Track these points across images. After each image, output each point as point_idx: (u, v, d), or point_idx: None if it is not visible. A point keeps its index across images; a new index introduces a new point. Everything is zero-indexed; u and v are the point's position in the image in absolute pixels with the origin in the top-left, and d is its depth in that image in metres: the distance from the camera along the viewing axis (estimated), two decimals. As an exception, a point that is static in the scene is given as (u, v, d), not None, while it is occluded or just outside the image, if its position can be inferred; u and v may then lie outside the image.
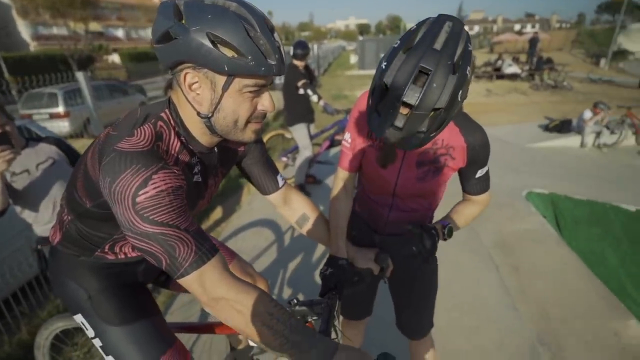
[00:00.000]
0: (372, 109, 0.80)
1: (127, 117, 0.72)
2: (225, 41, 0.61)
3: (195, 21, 0.61)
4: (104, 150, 0.67)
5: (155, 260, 0.65)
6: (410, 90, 0.70)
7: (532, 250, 2.90)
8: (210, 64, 0.63)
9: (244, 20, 0.62)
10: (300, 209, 1.10)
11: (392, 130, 0.77)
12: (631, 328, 2.09)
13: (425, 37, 0.72)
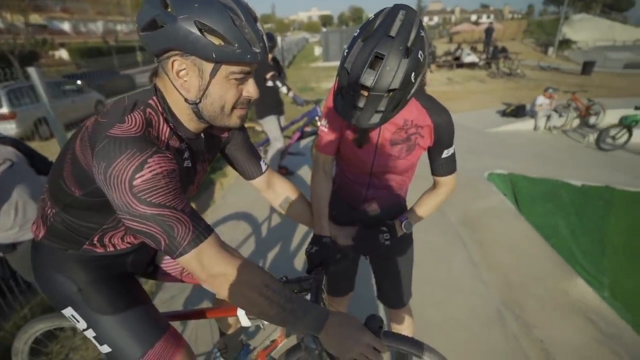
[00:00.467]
0: (337, 93, 0.88)
1: (115, 105, 0.73)
2: (213, 29, 0.64)
3: (182, 9, 0.63)
4: (95, 137, 0.68)
5: (154, 241, 0.67)
6: (367, 74, 0.78)
7: (494, 225, 3.13)
8: (199, 51, 0.65)
9: (229, 9, 0.65)
10: (284, 192, 1.14)
11: (354, 110, 0.85)
12: (578, 287, 2.35)
13: (381, 26, 0.80)
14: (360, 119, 0.87)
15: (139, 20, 0.68)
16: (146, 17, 0.66)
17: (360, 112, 0.85)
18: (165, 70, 0.72)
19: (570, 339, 1.92)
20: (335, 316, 0.76)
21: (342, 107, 0.87)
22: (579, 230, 4.78)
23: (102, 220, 0.86)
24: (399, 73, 0.78)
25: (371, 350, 0.74)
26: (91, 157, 0.67)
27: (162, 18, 0.64)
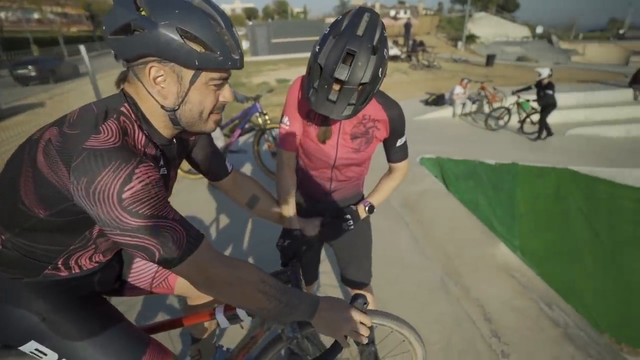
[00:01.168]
0: (309, 87, 0.93)
1: (81, 114, 0.68)
2: (195, 36, 0.64)
3: (162, 15, 0.62)
4: (68, 150, 0.62)
5: (147, 254, 0.65)
6: (340, 68, 0.85)
7: (430, 205, 3.46)
8: (180, 58, 0.65)
9: (209, 16, 0.66)
10: (250, 190, 1.15)
11: (327, 103, 0.91)
12: (501, 250, 2.74)
13: (349, 26, 0.87)
14: (334, 111, 0.93)
15: (109, 23, 0.64)
16: (118, 20, 0.63)
17: (333, 104, 0.91)
18: (138, 76, 0.69)
19: (500, 294, 2.25)
20: (324, 301, 0.83)
21: (316, 100, 0.92)
22: (495, 202, 5.49)
23: (70, 241, 0.78)
24: (369, 68, 0.86)
25: (359, 325, 0.83)
26: (66, 173, 0.62)
27: (139, 23, 0.62)
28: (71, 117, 0.68)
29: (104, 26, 0.65)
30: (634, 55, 19.06)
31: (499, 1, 42.34)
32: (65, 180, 0.63)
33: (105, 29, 0.65)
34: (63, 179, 0.63)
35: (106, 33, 0.65)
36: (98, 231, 0.78)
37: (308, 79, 0.95)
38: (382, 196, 1.30)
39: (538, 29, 32.33)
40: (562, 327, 1.99)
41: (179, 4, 0.64)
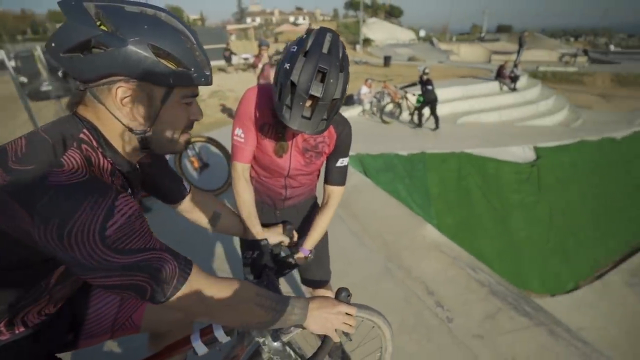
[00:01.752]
0: (282, 104, 0.93)
1: (31, 145, 0.58)
2: (168, 53, 0.61)
3: (131, 31, 0.58)
4: (25, 190, 0.53)
5: (136, 292, 0.59)
6: (315, 85, 0.89)
7: (361, 199, 3.69)
8: (154, 76, 0.61)
9: (179, 31, 0.63)
10: (210, 208, 1.11)
11: (302, 120, 0.94)
12: (429, 231, 3.08)
13: (315, 44, 0.91)
14: (310, 127, 0.95)
15: (61, 40, 0.57)
16: (74, 37, 0.56)
17: (309, 121, 0.93)
18: (99, 97, 0.62)
19: (435, 268, 2.53)
20: (312, 301, 0.86)
21: (292, 117, 0.93)
22: (412, 189, 6.10)
23: (19, 295, 0.66)
24: (339, 84, 0.91)
25: (347, 316, 0.88)
26: (26, 217, 0.53)
27: (102, 40, 0.57)
28: (16, 150, 0.58)
29: (53, 43, 0.57)
30: (494, 54, 22.94)
31: (386, 8, 46.80)
32: (23, 226, 0.54)
33: (54, 46, 0.57)
34: (21, 224, 0.54)
35: (57, 51, 0.57)
36: (56, 279, 0.68)
37: (279, 97, 0.94)
38: (318, 235, 1.32)
39: (421, 32, 36.70)
40: (487, 286, 2.33)
41: (146, 19, 0.60)
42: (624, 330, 5.82)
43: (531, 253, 6.92)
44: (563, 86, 15.76)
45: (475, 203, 6.78)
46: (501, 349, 1.83)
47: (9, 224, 0.55)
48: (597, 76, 17.18)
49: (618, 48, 31.27)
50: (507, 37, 31.67)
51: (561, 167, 7.85)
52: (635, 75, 16.87)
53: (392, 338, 1.40)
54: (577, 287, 6.79)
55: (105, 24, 0.58)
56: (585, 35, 48.14)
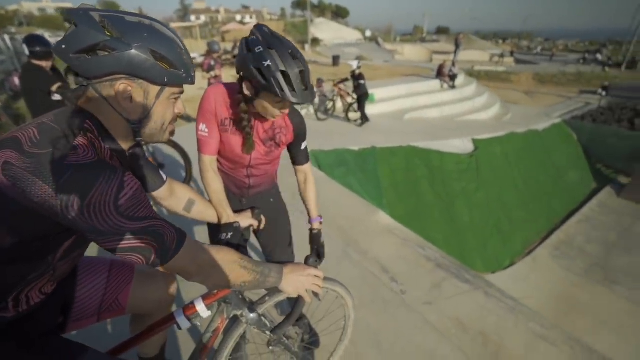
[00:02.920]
0: (288, 92, 1.04)
1: (43, 132, 0.66)
2: (164, 57, 0.73)
3: (134, 38, 0.69)
4: (47, 169, 0.62)
5: (143, 254, 0.69)
6: (296, 63, 1.04)
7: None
8: (152, 76, 0.72)
9: (170, 38, 0.75)
10: (185, 195, 1.18)
11: (304, 93, 1.07)
12: (382, 217, 3.33)
13: (268, 37, 1.05)
14: (311, 95, 1.09)
15: (72, 42, 0.67)
16: (85, 41, 0.67)
17: (309, 92, 1.08)
18: (103, 92, 0.72)
19: (389, 249, 2.77)
20: (286, 266, 1.00)
21: (300, 95, 1.06)
22: (364, 182, 6.41)
23: (30, 269, 0.72)
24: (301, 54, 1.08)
25: (316, 278, 1.02)
26: (50, 192, 0.62)
27: (110, 44, 0.67)
28: (30, 137, 0.66)
29: (64, 45, 0.67)
30: (435, 54, 24.50)
31: (332, 8, 47.68)
32: (47, 200, 0.62)
33: (65, 47, 0.67)
34: (44, 198, 0.62)
35: (67, 51, 0.67)
36: (62, 254, 0.76)
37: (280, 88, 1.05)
38: (316, 204, 1.57)
39: (367, 32, 37.96)
40: (433, 260, 2.61)
41: (145, 28, 0.72)
42: (551, 296, 6.65)
43: (474, 236, 7.61)
44: (494, 84, 17.33)
45: (423, 193, 7.29)
46: (447, 312, 2.09)
47: (33, 199, 0.63)
48: (522, 75, 19.14)
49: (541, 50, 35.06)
50: (446, 39, 33.98)
51: (495, 156, 8.71)
52: (551, 75, 19.07)
53: (353, 307, 1.57)
54: (513, 263, 7.59)
55: (111, 31, 0.68)
56: (511, 38, 53.24)
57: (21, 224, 0.65)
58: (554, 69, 20.27)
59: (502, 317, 2.06)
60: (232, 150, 1.31)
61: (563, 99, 15.54)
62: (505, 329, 1.98)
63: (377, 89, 10.77)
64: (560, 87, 17.69)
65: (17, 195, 0.63)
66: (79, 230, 0.66)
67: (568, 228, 8.71)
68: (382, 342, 1.87)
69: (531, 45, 40.07)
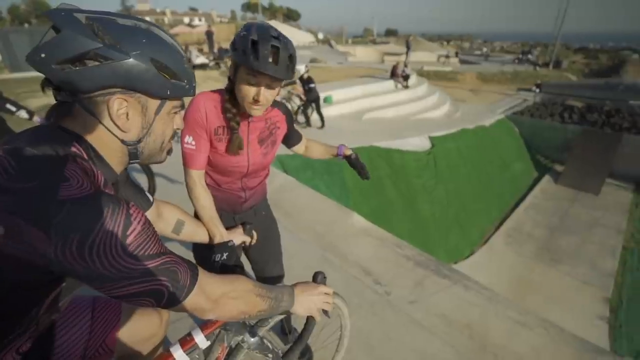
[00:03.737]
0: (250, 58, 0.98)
1: (22, 161, 0.54)
2: (165, 66, 0.63)
3: (132, 45, 0.59)
4: (34, 207, 0.50)
5: (154, 297, 0.59)
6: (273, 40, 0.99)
7: (289, 197, 3.79)
8: (153, 88, 0.63)
9: (170, 45, 0.65)
10: (174, 216, 1.08)
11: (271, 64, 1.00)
12: (356, 219, 3.35)
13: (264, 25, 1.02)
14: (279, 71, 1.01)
15: (55, 50, 0.55)
16: (72, 49, 0.55)
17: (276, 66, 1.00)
18: (91, 109, 0.61)
19: (367, 251, 2.78)
20: (296, 287, 0.94)
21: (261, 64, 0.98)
22: (331, 184, 6.44)
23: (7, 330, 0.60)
24: (290, 43, 1.04)
25: (326, 296, 0.98)
26: (41, 235, 0.50)
27: (103, 53, 0.57)
28: (5, 167, 0.53)
29: (43, 53, 0.55)
30: (386, 56, 25.36)
31: (284, 11, 47.61)
32: (36, 245, 0.51)
33: (45, 57, 0.55)
34: (32, 244, 0.51)
35: (47, 62, 0.56)
36: (48, 304, 0.63)
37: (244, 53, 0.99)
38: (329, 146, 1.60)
39: (320, 35, 38.38)
40: (412, 259, 2.67)
41: (143, 33, 0.62)
42: (506, 280, 7.15)
43: (436, 229, 7.96)
44: (442, 83, 18.31)
45: (386, 191, 7.49)
46: (432, 308, 2.14)
47: (18, 246, 0.51)
48: (467, 75, 20.43)
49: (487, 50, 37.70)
50: (395, 40, 35.34)
51: (450, 152, 9.19)
52: (492, 74, 20.58)
53: (349, 316, 1.54)
54: (472, 252, 8.06)
55: (103, 36, 0.57)
56: (454, 40, 56.86)
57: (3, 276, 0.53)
58: (495, 69, 21.89)
59: (484, 308, 2.15)
60: (228, 160, 1.22)
61: (504, 96, 16.80)
62: (488, 319, 2.07)
63: (334, 91, 10.90)
64: (501, 85, 19.13)
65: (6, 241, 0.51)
66: (76, 278, 0.55)
67: (517, 215, 9.44)
68: (374, 346, 1.87)
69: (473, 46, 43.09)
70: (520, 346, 1.89)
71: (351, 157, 1.56)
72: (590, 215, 9.27)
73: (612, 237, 8.31)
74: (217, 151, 1.20)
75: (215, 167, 1.25)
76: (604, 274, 7.18)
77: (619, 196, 10.15)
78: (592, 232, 8.55)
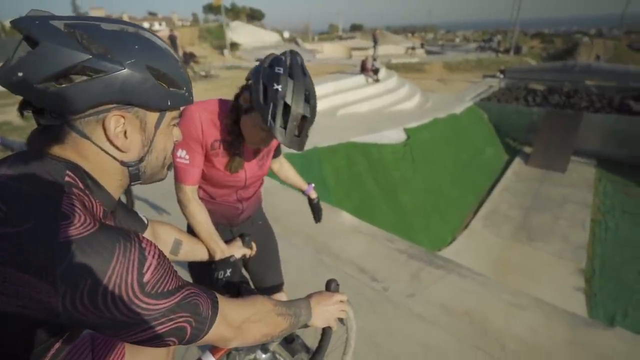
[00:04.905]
0: (277, 125, 0.94)
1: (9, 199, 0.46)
2: (163, 74, 0.56)
3: (124, 53, 0.52)
4: (36, 255, 0.43)
5: (177, 336, 0.54)
6: (305, 107, 0.95)
7: (274, 201, 3.73)
8: (151, 101, 0.56)
9: (164, 49, 0.58)
10: (170, 237, 1.01)
11: (294, 138, 0.97)
12: (345, 217, 3.34)
13: (295, 65, 0.96)
14: (299, 144, 0.99)
15: (36, 67, 0.47)
16: (58, 63, 0.47)
17: (298, 138, 0.97)
18: (83, 131, 0.54)
19: (359, 248, 2.78)
20: (312, 298, 0.90)
21: (286, 136, 0.95)
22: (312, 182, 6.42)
23: None
24: (316, 103, 0.99)
25: (341, 304, 0.95)
26: (45, 286, 0.43)
27: (92, 65, 0.49)
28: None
29: (20, 72, 0.47)
30: (353, 51, 25.57)
31: (247, 11, 46.93)
32: (39, 298, 0.44)
33: (23, 75, 0.47)
34: (34, 297, 0.44)
35: (27, 82, 0.47)
36: (50, 357, 0.56)
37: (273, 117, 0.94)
38: (299, 177, 1.65)
39: (285, 34, 38.05)
40: (404, 252, 2.70)
41: (132, 38, 0.54)
42: (488, 261, 7.41)
43: (417, 219, 8.11)
44: (411, 75, 18.66)
45: (366, 185, 7.55)
46: (431, 299, 2.17)
47: (14, 302, 0.44)
48: (434, 65, 20.92)
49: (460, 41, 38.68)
50: (361, 35, 35.65)
51: (425, 142, 9.38)
52: (458, 63, 21.20)
53: (355, 317, 1.52)
54: (454, 239, 8.28)
55: (89, 46, 0.49)
56: (418, 32, 58.17)
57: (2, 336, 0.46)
58: (460, 58, 22.54)
59: (480, 294, 2.20)
60: (223, 175, 1.17)
61: (471, 84, 17.35)
62: (485, 304, 2.12)
63: (307, 89, 10.84)
64: (466, 73, 19.74)
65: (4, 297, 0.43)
66: (88, 328, 0.49)
67: (492, 198, 9.78)
68: (379, 343, 1.87)
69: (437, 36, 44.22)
70: (519, 327, 1.95)
71: (314, 200, 1.70)
72: (559, 192, 9.76)
73: (581, 211, 8.79)
74: (212, 165, 1.15)
75: (209, 181, 1.20)
76: (577, 246, 7.59)
77: (584, 172, 10.74)
78: (562, 208, 9.00)
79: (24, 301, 0.44)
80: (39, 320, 0.46)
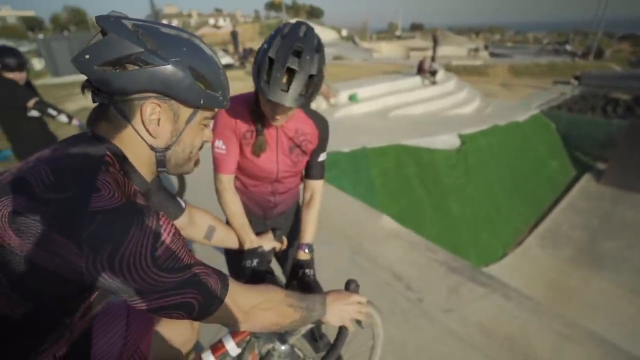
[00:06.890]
0: (261, 80, 0.95)
1: (57, 171, 0.55)
2: (202, 75, 0.63)
3: (172, 52, 0.60)
4: (67, 220, 0.51)
5: (185, 310, 0.59)
6: (291, 59, 0.92)
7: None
8: (188, 96, 0.63)
9: (210, 55, 0.65)
10: (205, 222, 1.08)
11: (281, 92, 0.94)
12: (386, 221, 3.26)
13: (292, 31, 0.96)
14: (288, 99, 0.95)
15: (100, 52, 0.57)
16: (116, 51, 0.57)
17: (286, 93, 0.94)
18: (125, 112, 0.62)
19: (398, 255, 2.70)
20: (328, 295, 0.90)
21: (270, 90, 0.94)
22: (357, 183, 6.35)
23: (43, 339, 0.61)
24: (315, 62, 0.95)
25: (360, 305, 0.93)
26: (72, 247, 0.50)
27: (145, 57, 0.58)
28: (42, 178, 0.53)
29: (87, 55, 0.57)
30: (412, 51, 24.82)
31: (307, 8, 47.70)
32: (69, 258, 0.51)
33: (89, 58, 0.57)
34: (65, 256, 0.51)
35: (90, 63, 0.57)
36: (82, 312, 0.64)
37: (258, 73, 0.96)
38: (313, 229, 1.33)
39: (343, 32, 38.08)
40: (445, 264, 2.56)
41: (184, 42, 0.62)
42: (541, 284, 6.79)
43: (467, 229, 7.69)
44: (472, 78, 17.67)
45: (414, 190, 7.31)
46: (469, 318, 2.04)
47: (52, 259, 0.51)
48: (498, 68, 19.60)
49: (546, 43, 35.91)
50: (421, 35, 34.49)
51: (481, 150, 8.84)
52: (525, 66, 19.63)
53: (382, 324, 1.47)
54: (505, 254, 7.72)
55: (145, 42, 0.59)
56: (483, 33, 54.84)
57: (35, 288, 0.54)
58: (528, 61, 20.86)
59: (525, 319, 2.02)
60: (256, 165, 1.20)
61: (539, 90, 15.98)
62: (530, 331, 1.94)
63: (359, 88, 10.76)
64: (535, 79, 18.21)
65: (30, 254, 0.51)
66: (107, 290, 0.55)
67: (554, 216, 8.94)
68: (409, 356, 1.79)
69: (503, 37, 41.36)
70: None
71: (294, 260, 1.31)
72: (637, 217, 8.63)
73: (663, 241, 7.70)
74: (245, 155, 1.18)
75: (245, 171, 1.24)
76: (654, 280, 6.67)
77: (669, 196, 9.39)
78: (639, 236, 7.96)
79: (60, 260, 0.51)
80: (71, 278, 0.53)
